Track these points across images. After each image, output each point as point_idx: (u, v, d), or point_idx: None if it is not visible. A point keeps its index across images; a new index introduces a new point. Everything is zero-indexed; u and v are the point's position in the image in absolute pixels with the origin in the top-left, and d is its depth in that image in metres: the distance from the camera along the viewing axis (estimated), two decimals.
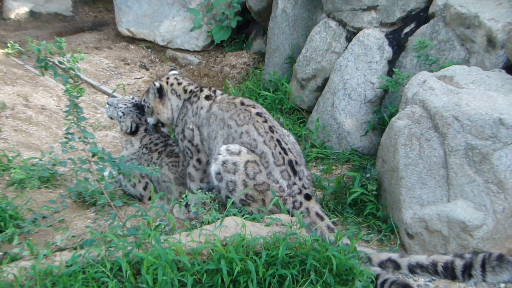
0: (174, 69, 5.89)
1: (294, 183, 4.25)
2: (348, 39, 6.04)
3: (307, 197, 4.21)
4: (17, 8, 10.83)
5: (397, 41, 5.69)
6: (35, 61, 3.79)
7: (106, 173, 5.02)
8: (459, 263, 3.61)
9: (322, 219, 4.11)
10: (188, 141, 4.80)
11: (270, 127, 4.44)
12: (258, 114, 4.52)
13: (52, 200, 4.50)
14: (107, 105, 5.55)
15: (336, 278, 3.33)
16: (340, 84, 5.78)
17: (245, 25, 9.05)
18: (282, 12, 7.10)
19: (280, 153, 4.31)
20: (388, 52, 5.69)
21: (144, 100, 5.22)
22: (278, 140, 4.38)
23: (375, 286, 3.48)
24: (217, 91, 4.97)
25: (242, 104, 4.61)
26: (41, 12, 11.01)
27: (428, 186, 4.12)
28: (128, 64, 8.70)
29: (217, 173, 4.27)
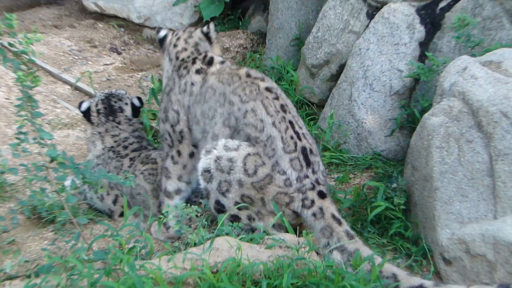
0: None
1: (306, 176, 4.16)
2: (370, 16, 6.06)
3: (322, 195, 4.12)
4: None
5: (431, 18, 5.70)
6: None
7: (68, 183, 5.01)
8: None
9: (340, 224, 3.99)
10: (170, 126, 4.74)
11: (282, 106, 4.35)
12: (268, 89, 4.42)
13: (0, 217, 4.49)
14: None
15: None
16: (360, 72, 5.79)
17: None
18: None
19: (292, 138, 4.21)
20: (420, 32, 5.70)
21: None
22: (291, 122, 4.28)
23: None
24: (216, 58, 4.84)
25: (248, 76, 4.50)
26: None
27: (470, 199, 4.12)
28: (96, 47, 8.70)
29: (206, 171, 4.22)
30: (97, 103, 5.56)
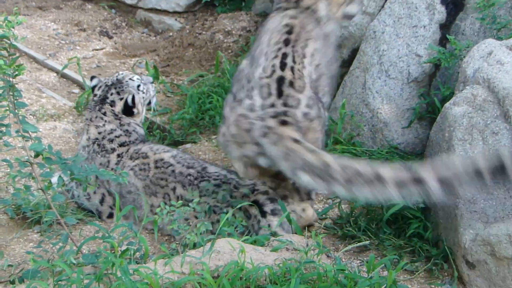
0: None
1: (272, 105, 4.36)
2: None
3: (283, 123, 4.29)
4: None
5: None
6: None
7: (55, 179, 5.03)
8: None
9: (298, 142, 4.17)
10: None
11: (287, 39, 4.66)
12: (286, 25, 4.76)
13: None
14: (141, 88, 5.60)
15: None
16: (375, 57, 5.79)
17: None
18: None
19: (273, 66, 4.52)
20: (441, 13, 5.69)
21: None
22: (285, 54, 4.58)
23: None
24: None
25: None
26: None
27: (495, 197, 4.12)
28: (84, 30, 8.70)
29: None
30: (101, 86, 5.54)
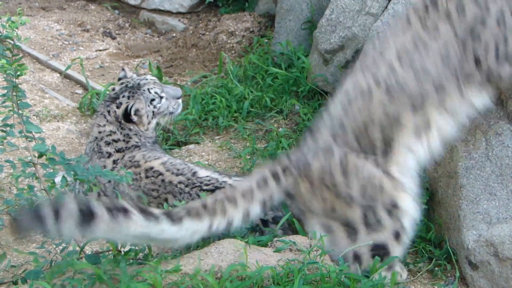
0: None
1: None
2: None
3: None
4: None
5: None
6: None
7: (58, 179, 5.02)
8: None
9: None
10: None
11: None
12: None
13: None
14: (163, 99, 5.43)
15: None
16: None
17: None
18: None
19: None
20: None
21: None
22: None
23: None
24: None
25: None
26: None
27: (498, 198, 4.12)
28: (88, 31, 8.71)
29: None
30: (124, 82, 5.35)
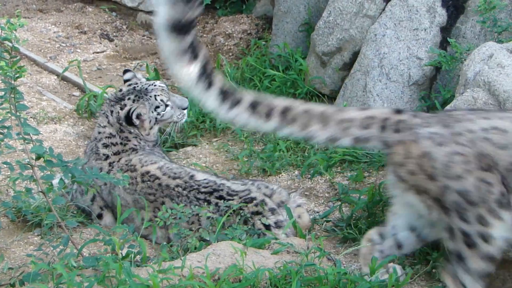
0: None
1: None
2: None
3: None
4: None
5: (454, 1, 5.69)
6: None
7: (55, 182, 5.02)
8: None
9: None
10: None
11: None
12: None
13: None
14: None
15: None
16: (375, 60, 5.79)
17: None
18: None
19: None
20: (441, 16, 5.69)
21: None
22: None
23: None
24: None
25: None
26: None
27: None
28: (85, 33, 8.70)
29: None
30: (132, 84, 5.33)
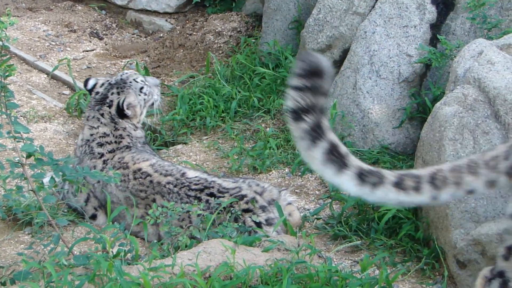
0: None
1: None
2: None
3: None
4: None
5: None
6: None
7: (46, 180, 5.01)
8: None
9: None
10: None
11: None
12: None
13: None
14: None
15: None
16: (365, 58, 5.80)
17: None
18: None
19: None
20: (431, 13, 5.70)
21: None
22: None
23: None
24: None
25: None
26: None
27: (486, 197, 4.13)
28: (75, 32, 8.69)
29: None
30: (104, 83, 5.39)
